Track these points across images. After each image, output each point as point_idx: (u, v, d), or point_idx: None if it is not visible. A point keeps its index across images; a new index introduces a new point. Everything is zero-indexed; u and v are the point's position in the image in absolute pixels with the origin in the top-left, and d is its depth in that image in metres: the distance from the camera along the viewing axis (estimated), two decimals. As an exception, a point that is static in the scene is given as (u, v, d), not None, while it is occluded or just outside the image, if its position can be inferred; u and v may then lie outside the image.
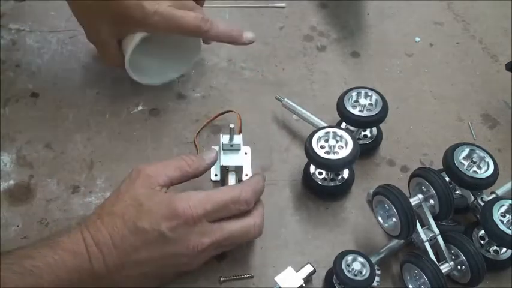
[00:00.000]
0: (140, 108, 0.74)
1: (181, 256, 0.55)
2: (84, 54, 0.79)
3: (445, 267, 0.60)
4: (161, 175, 0.57)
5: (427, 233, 0.61)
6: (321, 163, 0.63)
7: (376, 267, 0.58)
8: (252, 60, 0.81)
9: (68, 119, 0.72)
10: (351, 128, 0.70)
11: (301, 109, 0.73)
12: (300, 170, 0.70)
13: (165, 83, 0.75)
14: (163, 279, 0.58)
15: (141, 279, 0.56)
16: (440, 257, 0.61)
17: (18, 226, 0.63)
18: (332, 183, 0.68)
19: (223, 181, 0.67)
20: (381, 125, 0.71)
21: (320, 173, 0.68)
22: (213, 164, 0.62)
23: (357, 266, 0.57)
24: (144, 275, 0.55)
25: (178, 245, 0.54)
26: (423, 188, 0.61)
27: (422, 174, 0.61)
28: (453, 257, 0.60)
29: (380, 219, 0.61)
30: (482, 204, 0.63)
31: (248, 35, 0.71)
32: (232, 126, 0.65)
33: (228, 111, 0.72)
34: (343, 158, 0.63)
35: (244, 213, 0.58)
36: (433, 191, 0.60)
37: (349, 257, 0.58)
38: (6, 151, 0.68)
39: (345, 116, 0.68)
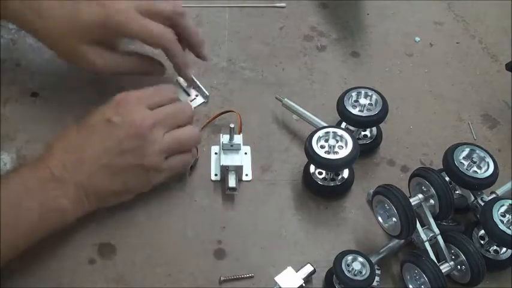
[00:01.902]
0: (140, 108, 0.74)
1: (138, 147, 0.59)
2: (84, 54, 0.79)
3: (445, 267, 0.60)
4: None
5: (427, 233, 0.61)
6: (321, 163, 0.63)
7: (376, 267, 0.59)
8: (252, 60, 0.81)
9: (68, 119, 0.72)
10: (351, 128, 0.70)
11: (301, 109, 0.73)
12: (300, 170, 0.70)
13: None
14: (128, 184, 0.61)
15: (105, 178, 0.59)
16: (440, 257, 0.61)
17: (18, 226, 0.63)
18: (332, 183, 0.68)
19: (223, 181, 0.67)
20: (381, 125, 0.71)
21: (320, 173, 0.68)
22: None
23: (357, 266, 0.57)
24: (106, 173, 0.59)
25: (125, 127, 0.59)
26: (423, 188, 0.61)
27: (422, 174, 0.61)
28: (453, 257, 0.60)
29: (380, 219, 0.61)
30: (482, 204, 0.63)
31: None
32: (232, 126, 0.65)
33: (228, 111, 0.72)
34: (343, 157, 0.63)
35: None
36: (433, 191, 0.60)
37: (349, 257, 0.58)
38: (6, 151, 0.68)
39: (345, 116, 0.68)
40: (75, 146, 0.59)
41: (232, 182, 0.65)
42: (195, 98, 0.75)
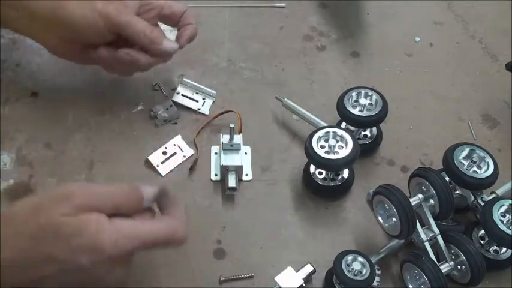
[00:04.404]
0: (140, 108, 0.74)
1: (97, 282, 0.50)
2: (84, 54, 0.79)
3: (445, 267, 0.60)
4: (91, 202, 0.49)
5: (427, 233, 0.61)
6: (321, 163, 0.63)
7: (376, 267, 0.59)
8: (252, 60, 0.81)
9: (68, 119, 0.72)
10: (351, 128, 0.70)
11: (301, 109, 0.73)
12: (300, 170, 0.70)
13: None
14: None
15: None
16: (440, 257, 0.61)
17: (18, 226, 0.63)
18: (332, 183, 0.68)
19: (223, 181, 0.67)
20: (381, 125, 0.71)
21: (320, 173, 0.68)
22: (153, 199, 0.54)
23: (357, 266, 0.57)
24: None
25: (95, 275, 0.49)
26: (423, 188, 0.61)
27: (422, 174, 0.61)
28: (453, 257, 0.60)
29: (380, 219, 0.61)
30: (482, 204, 0.63)
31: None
32: (232, 126, 0.65)
33: (228, 111, 0.72)
34: (343, 157, 0.63)
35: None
36: (433, 191, 0.60)
37: (349, 257, 0.58)
38: (6, 151, 0.68)
39: (345, 116, 0.68)
40: (26, 270, 0.48)
41: (232, 182, 0.65)
42: (203, 102, 0.74)
